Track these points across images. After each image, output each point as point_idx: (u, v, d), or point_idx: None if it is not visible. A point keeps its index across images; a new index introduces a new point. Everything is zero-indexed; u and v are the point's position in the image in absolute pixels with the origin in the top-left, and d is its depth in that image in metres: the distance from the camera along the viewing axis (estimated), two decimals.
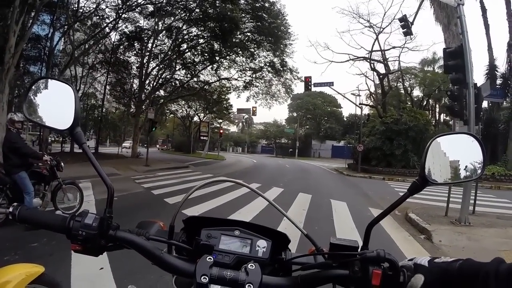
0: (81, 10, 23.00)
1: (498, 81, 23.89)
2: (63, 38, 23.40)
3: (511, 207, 10.59)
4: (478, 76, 24.16)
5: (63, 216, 0.85)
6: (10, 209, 0.85)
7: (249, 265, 0.78)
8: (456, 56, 7.88)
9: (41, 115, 0.93)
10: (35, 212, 0.88)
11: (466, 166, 0.90)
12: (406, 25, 12.85)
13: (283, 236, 0.99)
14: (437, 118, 45.69)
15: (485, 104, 23.70)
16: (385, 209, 0.87)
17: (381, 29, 27.11)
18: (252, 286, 0.74)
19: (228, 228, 0.98)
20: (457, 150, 0.91)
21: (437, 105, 45.04)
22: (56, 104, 0.93)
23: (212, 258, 0.79)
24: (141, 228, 0.96)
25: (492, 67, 24.14)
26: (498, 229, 7.01)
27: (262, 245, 0.95)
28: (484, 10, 23.53)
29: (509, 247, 5.65)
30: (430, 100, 43.19)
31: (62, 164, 6.33)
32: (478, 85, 8.42)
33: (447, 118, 39.10)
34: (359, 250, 0.84)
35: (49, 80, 0.96)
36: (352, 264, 0.79)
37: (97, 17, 24.66)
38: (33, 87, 0.95)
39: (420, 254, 5.18)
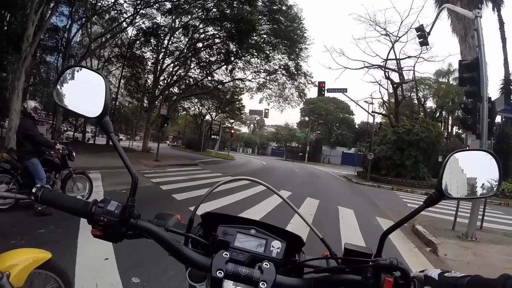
0: (99, 4, 23.39)
1: None
2: (80, 30, 23.77)
3: None
4: (493, 90, 23.95)
5: (85, 201, 0.86)
6: (34, 190, 0.86)
7: (264, 263, 0.79)
8: (471, 69, 7.79)
9: (70, 101, 0.94)
10: (57, 195, 0.89)
11: (482, 183, 0.90)
12: (422, 35, 12.70)
13: (297, 238, 1.00)
14: (450, 130, 45.26)
15: (498, 119, 23.42)
16: (400, 219, 0.88)
17: (397, 38, 26.94)
18: (266, 284, 0.75)
19: (244, 227, 0.99)
20: (474, 166, 0.92)
21: (450, 117, 44.64)
22: (86, 92, 0.94)
23: (228, 254, 0.80)
24: (160, 219, 0.97)
25: (507, 81, 23.77)
26: (505, 246, 6.91)
27: (276, 245, 0.95)
28: (501, 23, 23.28)
29: None
30: (443, 112, 42.85)
31: (74, 153, 6.40)
32: (493, 99, 8.32)
33: (460, 131, 38.72)
34: (372, 257, 0.85)
35: (81, 68, 0.98)
36: (365, 271, 0.80)
37: (115, 12, 25.02)
38: (65, 74, 0.97)
39: (424, 266, 5.12)
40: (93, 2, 22.65)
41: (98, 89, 0.90)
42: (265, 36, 27.39)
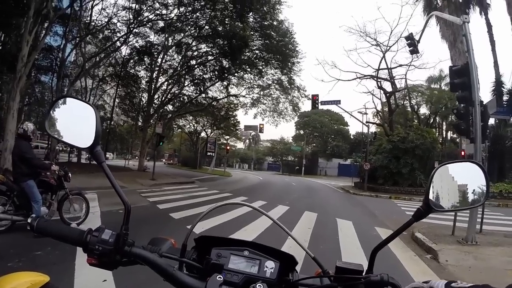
0: (93, 23, 23.62)
1: (505, 97, 23.78)
2: (74, 50, 23.90)
3: None
4: (485, 92, 24.09)
5: (80, 230, 0.88)
6: (29, 220, 0.88)
7: (257, 285, 0.81)
8: (462, 74, 7.90)
9: (61, 131, 0.97)
10: (52, 225, 0.91)
11: (469, 194, 0.92)
12: (412, 43, 12.89)
13: (290, 257, 1.00)
14: (444, 135, 45.45)
15: (492, 121, 23.68)
16: (390, 235, 0.90)
17: (388, 48, 27.23)
18: None
19: (238, 248, 1.00)
20: (461, 178, 0.93)
21: (444, 123, 44.88)
22: (77, 123, 0.96)
23: (221, 277, 0.81)
24: (154, 244, 0.98)
25: (498, 83, 24.04)
26: (506, 247, 6.91)
27: (270, 265, 0.96)
28: (489, 26, 23.64)
29: None
30: (437, 118, 43.10)
31: (70, 174, 6.39)
32: (485, 102, 8.40)
33: (455, 135, 38.91)
34: (363, 273, 0.86)
35: (71, 99, 1.00)
36: (357, 287, 0.82)
37: (109, 31, 25.28)
38: (56, 104, 0.99)
39: (426, 274, 5.13)
40: (86, 22, 22.87)
41: (89, 120, 0.92)
42: (257, 51, 27.67)
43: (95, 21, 23.93)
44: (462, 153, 11.85)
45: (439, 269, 5.50)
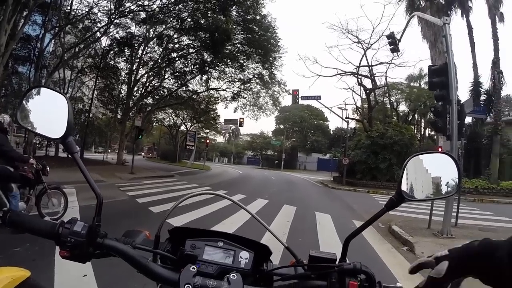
0: (73, 13, 22.98)
1: (482, 98, 24.48)
2: (53, 40, 23.27)
3: (493, 219, 10.75)
4: (463, 92, 24.78)
5: (53, 222, 0.87)
6: (0, 214, 0.86)
7: (231, 275, 0.80)
8: (440, 74, 8.07)
9: (33, 122, 0.94)
10: (24, 217, 0.89)
11: (441, 184, 0.93)
12: (393, 42, 13.09)
13: (265, 248, 1.00)
14: (423, 132, 46.34)
15: (469, 119, 24.29)
16: (362, 224, 0.91)
17: (369, 45, 27.52)
18: None
19: (212, 239, 0.99)
20: (434, 169, 0.95)
21: (422, 120, 45.74)
22: (49, 113, 0.94)
23: (195, 267, 0.81)
24: (128, 236, 0.97)
25: (476, 83, 24.72)
26: None
27: (244, 256, 0.95)
28: (470, 28, 24.16)
29: None
30: (415, 115, 43.88)
31: (48, 168, 6.27)
32: (463, 101, 8.63)
33: (432, 132, 39.72)
34: (337, 262, 0.86)
35: (44, 88, 0.98)
36: (330, 276, 0.82)
37: (89, 21, 24.67)
38: (27, 95, 0.97)
39: (402, 265, 5.26)
40: (66, 11, 22.31)
41: (61, 110, 0.91)
42: (239, 45, 27.60)
43: (75, 10, 23.31)
44: (440, 149, 12.15)
45: (415, 260, 5.63)
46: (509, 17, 23.05)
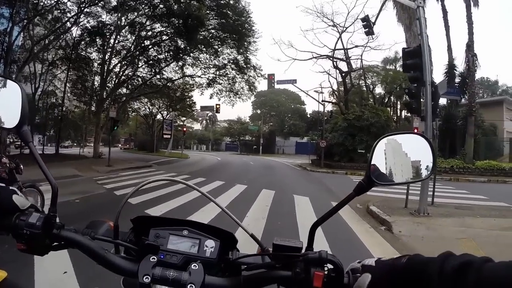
0: (41, 4, 22.08)
1: (457, 80, 25.03)
2: (22, 33, 22.44)
3: (468, 198, 11.11)
4: (438, 74, 25.27)
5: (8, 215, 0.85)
6: None
7: (192, 265, 0.79)
8: (414, 56, 8.23)
9: None
10: None
11: (415, 167, 0.88)
12: (368, 25, 13.25)
13: (230, 236, 0.97)
14: (399, 114, 47.11)
15: (444, 101, 24.91)
16: (329, 210, 0.85)
17: (345, 28, 27.67)
18: (194, 286, 0.75)
19: (177, 228, 0.95)
20: (407, 151, 0.88)
21: (398, 102, 46.42)
22: (1, 102, 0.92)
23: (156, 257, 0.80)
24: (90, 227, 0.93)
25: (451, 66, 25.25)
26: (456, 218, 7.36)
27: (210, 245, 0.92)
28: (445, 12, 24.53)
29: (466, 235, 5.96)
30: (391, 97, 44.52)
31: (22, 166, 6.14)
32: (436, 83, 8.82)
33: (408, 114, 40.44)
34: (303, 251, 0.82)
35: None
36: (295, 265, 0.78)
37: (58, 11, 23.78)
38: None
39: (381, 245, 5.42)
40: (35, 2, 21.48)
41: (14, 98, 0.89)
42: (213, 31, 27.22)
43: (43, 1, 22.41)
44: (415, 130, 12.42)
45: (393, 239, 5.82)
46: (483, 0, 23.47)
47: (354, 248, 5.10)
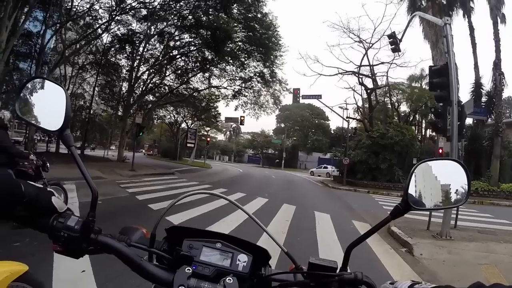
0: (74, 9, 22.96)
1: (484, 99, 24.40)
2: (54, 36, 23.25)
3: (492, 222, 10.74)
4: (464, 93, 24.64)
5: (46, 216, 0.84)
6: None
7: (227, 278, 0.80)
8: (441, 74, 8.03)
9: (31, 114, 0.94)
10: None
11: (450, 193, 0.90)
12: (394, 41, 13.05)
13: (264, 251, 0.98)
14: (423, 133, 46.27)
15: (470, 121, 24.25)
16: (366, 232, 0.88)
17: (371, 45, 27.43)
18: None
19: (210, 240, 0.96)
20: (443, 176, 0.91)
21: (423, 121, 45.63)
22: (47, 105, 0.93)
23: (190, 269, 0.80)
24: (124, 233, 0.95)
25: (477, 85, 24.62)
26: (479, 243, 7.08)
27: (242, 259, 0.93)
28: (472, 29, 24.05)
29: (489, 261, 5.71)
30: (416, 116, 43.79)
31: (48, 164, 6.26)
32: (462, 102, 8.60)
33: (433, 133, 39.67)
34: (337, 271, 0.84)
35: (42, 80, 0.97)
36: (330, 285, 0.80)
37: (90, 18, 24.63)
38: (26, 86, 0.95)
39: (401, 267, 5.25)
40: (68, 7, 22.25)
41: (59, 102, 0.89)
42: (240, 43, 27.56)
43: (76, 6, 23.27)
44: (440, 150, 12.11)
45: (414, 262, 5.62)
46: (510, 18, 23.00)
47: (373, 269, 4.93)
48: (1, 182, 0.72)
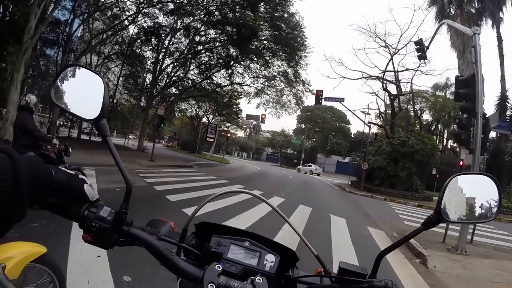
0: (102, 0, 23.33)
1: (509, 113, 23.80)
2: (82, 26, 23.73)
3: (509, 240, 10.57)
4: (489, 105, 24.16)
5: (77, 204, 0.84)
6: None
7: (256, 278, 0.79)
8: (467, 85, 7.86)
9: (67, 101, 0.92)
10: None
11: (481, 208, 0.90)
12: (421, 48, 12.79)
13: (292, 253, 0.97)
14: (445, 144, 45.47)
15: (493, 134, 23.69)
16: (397, 241, 0.87)
17: (397, 50, 27.01)
18: None
19: (239, 238, 0.97)
20: (474, 191, 0.91)
21: (445, 131, 44.88)
22: (84, 93, 0.92)
23: (220, 266, 0.80)
24: (152, 226, 0.95)
25: (503, 98, 24.06)
26: (494, 260, 6.97)
27: (270, 259, 0.92)
28: (500, 40, 23.51)
29: (503, 280, 5.62)
30: (439, 125, 43.10)
31: (70, 149, 6.34)
32: (488, 115, 8.40)
33: (455, 145, 38.96)
34: (367, 277, 0.84)
35: (80, 68, 0.96)
36: None
37: (118, 9, 25.08)
38: (63, 73, 0.95)
39: (413, 277, 5.18)
40: None
41: (96, 91, 0.89)
42: (265, 42, 27.58)
43: None
44: (461, 163, 11.88)
45: (427, 274, 5.57)
46: None
47: (386, 277, 4.83)
48: (32, 168, 0.67)
